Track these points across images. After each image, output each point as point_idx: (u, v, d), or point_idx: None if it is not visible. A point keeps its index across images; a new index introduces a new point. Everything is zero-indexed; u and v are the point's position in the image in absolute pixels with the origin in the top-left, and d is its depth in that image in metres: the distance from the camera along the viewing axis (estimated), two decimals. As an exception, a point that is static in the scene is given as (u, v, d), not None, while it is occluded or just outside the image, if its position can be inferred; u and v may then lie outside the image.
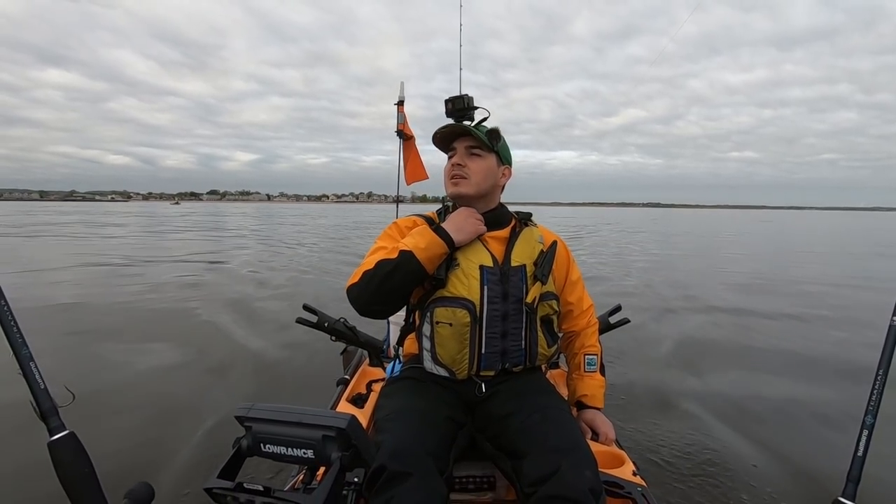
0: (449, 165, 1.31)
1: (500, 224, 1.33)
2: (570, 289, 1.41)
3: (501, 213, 1.35)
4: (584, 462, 1.00)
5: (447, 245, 1.18)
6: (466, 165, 1.27)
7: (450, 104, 1.29)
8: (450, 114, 1.30)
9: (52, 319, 4.40)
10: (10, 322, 0.76)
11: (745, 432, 2.36)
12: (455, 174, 1.28)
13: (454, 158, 1.30)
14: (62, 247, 11.55)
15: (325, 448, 0.74)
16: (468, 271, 1.21)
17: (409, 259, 1.14)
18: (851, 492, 0.91)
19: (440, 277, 1.20)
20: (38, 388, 0.77)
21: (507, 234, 1.32)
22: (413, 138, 2.57)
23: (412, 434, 1.05)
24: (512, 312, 1.23)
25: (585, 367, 1.41)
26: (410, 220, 1.35)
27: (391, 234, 1.31)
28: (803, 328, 4.63)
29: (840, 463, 0.97)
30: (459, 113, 1.29)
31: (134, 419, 2.47)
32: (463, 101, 1.28)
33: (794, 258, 11.72)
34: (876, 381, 0.94)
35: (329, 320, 1.86)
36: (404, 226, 1.32)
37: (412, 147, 2.59)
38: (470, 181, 1.27)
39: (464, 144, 1.29)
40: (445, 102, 1.30)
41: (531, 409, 1.16)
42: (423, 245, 1.16)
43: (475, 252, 1.24)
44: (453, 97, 1.29)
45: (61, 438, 0.76)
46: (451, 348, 1.21)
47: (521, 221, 1.37)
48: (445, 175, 1.32)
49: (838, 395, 2.86)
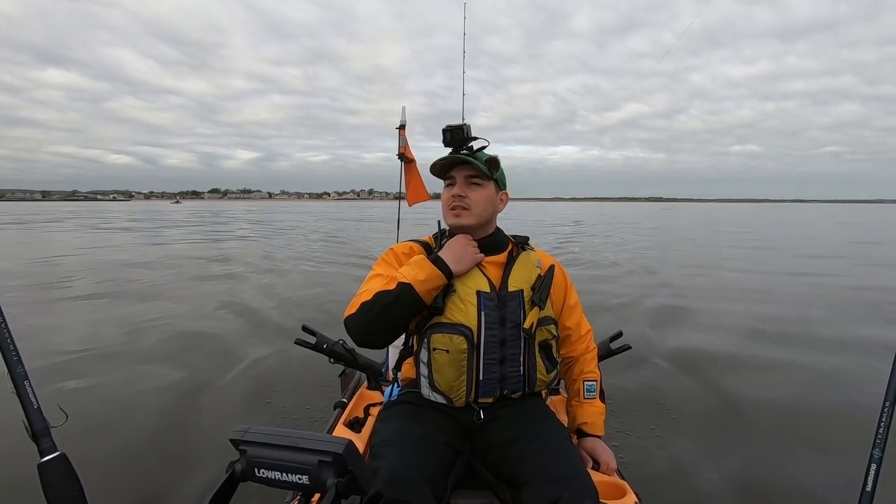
0: (448, 195, 1.29)
1: (496, 249, 1.33)
2: (567, 313, 1.40)
3: (498, 238, 1.35)
4: (585, 492, 0.98)
5: (445, 276, 1.18)
6: (467, 196, 1.26)
7: (448, 134, 1.27)
8: (448, 143, 1.28)
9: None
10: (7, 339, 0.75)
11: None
12: (456, 205, 1.27)
13: (454, 189, 1.28)
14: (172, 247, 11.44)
15: (320, 473, 0.72)
16: (465, 297, 1.21)
17: (407, 291, 1.14)
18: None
19: (437, 305, 1.20)
20: (32, 407, 0.76)
21: (504, 259, 1.32)
22: (414, 161, 2.64)
23: (409, 460, 1.03)
24: (510, 338, 1.22)
25: (585, 393, 1.39)
26: (407, 247, 1.34)
27: (388, 262, 1.31)
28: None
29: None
30: (458, 143, 1.28)
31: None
32: (462, 130, 1.26)
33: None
34: (883, 412, 0.92)
35: (328, 342, 1.85)
36: (401, 252, 1.32)
37: (413, 170, 2.66)
38: (471, 212, 1.27)
39: (463, 174, 1.28)
40: (443, 132, 1.27)
41: (531, 436, 1.14)
42: (423, 277, 1.15)
43: (472, 278, 1.24)
44: (452, 126, 1.27)
45: (52, 460, 0.75)
46: (448, 375, 1.20)
47: (518, 245, 1.37)
48: (444, 205, 1.31)
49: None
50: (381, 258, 1.33)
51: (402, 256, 1.31)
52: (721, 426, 2.65)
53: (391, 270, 1.24)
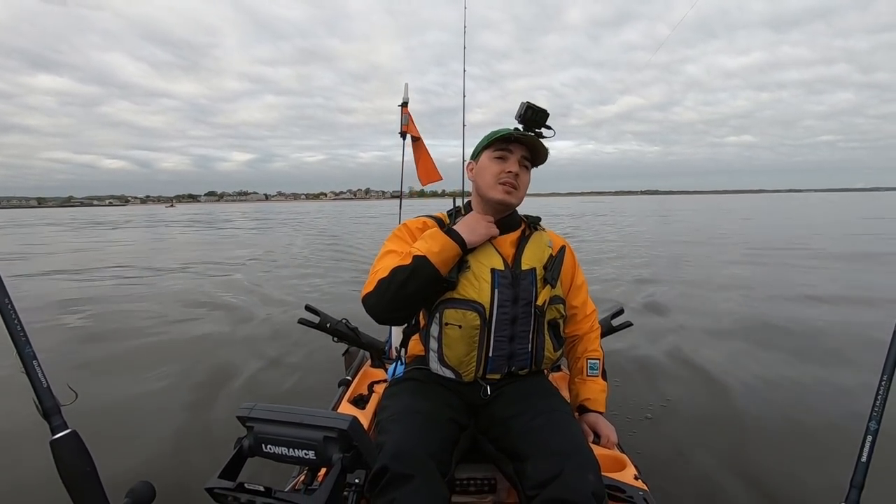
0: (500, 168, 1.25)
1: (511, 227, 1.33)
2: (574, 293, 1.41)
3: (513, 217, 1.35)
4: (587, 465, 1.00)
5: (460, 247, 1.18)
6: (520, 176, 1.26)
7: (530, 111, 1.22)
8: (524, 120, 1.23)
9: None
10: (14, 320, 0.76)
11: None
12: (508, 182, 1.25)
13: (510, 165, 1.25)
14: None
15: (326, 449, 0.73)
16: (479, 274, 1.21)
17: (424, 264, 1.13)
18: (855, 498, 0.90)
19: (451, 279, 1.19)
20: (41, 386, 0.77)
21: (517, 238, 1.32)
22: (421, 139, 2.56)
23: (415, 436, 1.05)
24: (521, 316, 1.23)
25: (588, 371, 1.41)
26: (420, 221, 1.34)
27: (401, 237, 1.30)
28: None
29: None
30: (535, 124, 1.23)
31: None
32: (545, 114, 1.23)
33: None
34: (881, 384, 0.93)
35: (331, 321, 1.86)
36: (414, 227, 1.32)
37: (422, 148, 2.58)
38: (519, 192, 1.27)
39: (520, 153, 1.26)
40: (525, 108, 1.22)
41: (534, 412, 1.16)
42: (437, 249, 1.15)
43: (486, 255, 1.24)
44: (535, 106, 1.22)
45: (63, 437, 0.76)
46: (458, 350, 1.21)
47: (531, 225, 1.37)
48: (492, 177, 1.26)
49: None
50: (393, 234, 1.32)
51: (415, 231, 1.30)
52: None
53: (404, 246, 1.23)
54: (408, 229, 1.32)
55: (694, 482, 1.95)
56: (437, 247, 1.15)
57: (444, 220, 1.36)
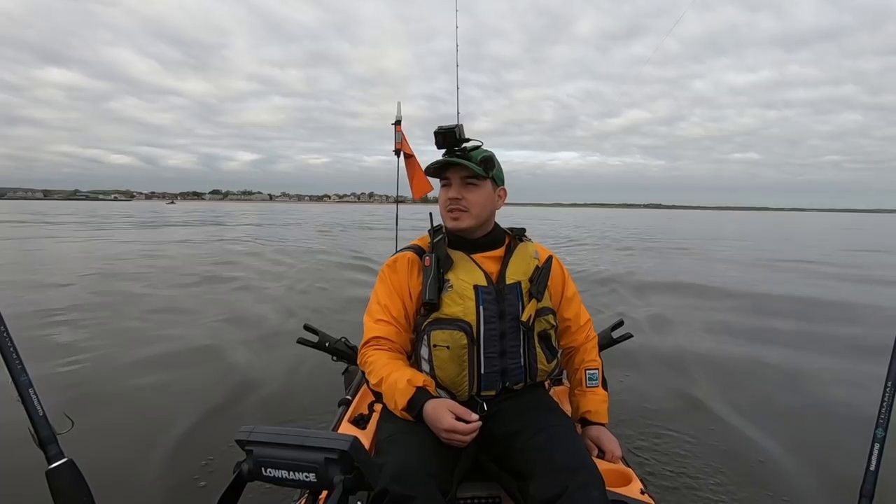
0: (445, 197, 1.27)
1: (494, 244, 1.32)
2: (566, 305, 1.41)
3: (496, 235, 1.34)
4: (592, 482, 0.99)
5: (415, 416, 1.12)
6: (464, 198, 1.24)
7: (440, 137, 1.23)
8: (441, 145, 1.25)
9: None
10: (10, 348, 0.75)
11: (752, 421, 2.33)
12: (453, 208, 1.25)
13: (450, 192, 1.25)
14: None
15: (327, 471, 0.72)
16: (462, 292, 1.20)
17: (386, 399, 1.17)
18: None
19: (433, 301, 1.19)
20: (37, 415, 0.76)
21: (501, 253, 1.31)
22: (413, 156, 2.65)
23: (414, 455, 1.03)
24: (509, 330, 1.22)
25: (587, 382, 1.39)
26: (404, 260, 1.30)
27: (386, 284, 1.28)
28: None
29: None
30: (450, 144, 1.24)
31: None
32: (454, 133, 1.22)
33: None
34: (885, 392, 0.92)
35: (330, 340, 1.85)
36: (401, 269, 1.29)
37: (415, 164, 2.68)
38: (470, 213, 1.25)
39: (459, 175, 1.25)
40: (435, 135, 1.23)
41: (536, 427, 1.15)
42: (396, 406, 1.13)
43: (468, 272, 1.23)
44: (443, 129, 1.23)
45: (60, 466, 0.75)
46: (450, 371, 1.20)
47: (516, 237, 1.36)
48: (442, 207, 1.29)
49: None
50: (380, 276, 1.31)
51: (401, 274, 1.28)
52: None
53: (391, 298, 1.26)
54: (395, 274, 1.29)
55: (700, 494, 1.92)
56: (399, 405, 1.13)
57: (424, 248, 1.32)
